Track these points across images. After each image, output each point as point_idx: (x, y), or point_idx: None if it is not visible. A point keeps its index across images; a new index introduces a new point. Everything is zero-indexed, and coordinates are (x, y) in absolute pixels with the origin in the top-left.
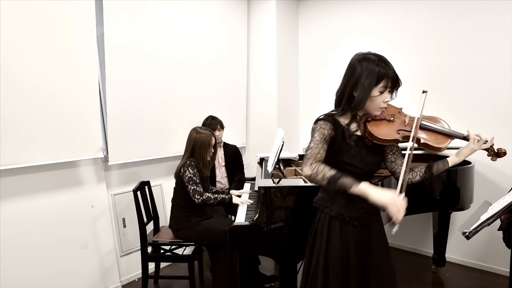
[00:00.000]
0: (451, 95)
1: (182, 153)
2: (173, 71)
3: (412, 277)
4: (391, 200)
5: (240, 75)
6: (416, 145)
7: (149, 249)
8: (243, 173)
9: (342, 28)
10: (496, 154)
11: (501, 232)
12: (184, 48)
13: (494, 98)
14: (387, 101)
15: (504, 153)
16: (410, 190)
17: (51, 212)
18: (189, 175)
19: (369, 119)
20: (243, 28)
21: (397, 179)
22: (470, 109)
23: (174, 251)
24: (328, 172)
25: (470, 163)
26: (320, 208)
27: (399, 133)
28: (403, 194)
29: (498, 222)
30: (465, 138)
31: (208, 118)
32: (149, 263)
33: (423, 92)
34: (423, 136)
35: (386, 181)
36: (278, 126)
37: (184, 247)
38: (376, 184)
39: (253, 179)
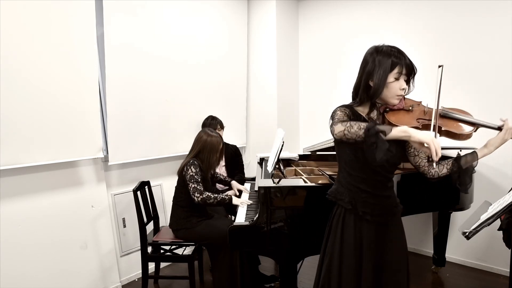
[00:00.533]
0: (451, 94)
1: (182, 153)
2: (173, 71)
3: (412, 277)
4: (431, 139)
5: (240, 75)
6: (438, 134)
7: (149, 249)
8: (243, 173)
9: (342, 28)
10: None
11: (501, 232)
12: (184, 48)
13: (494, 98)
14: (404, 89)
15: None
16: (410, 191)
17: (51, 212)
18: (191, 173)
19: (387, 109)
20: (243, 28)
21: (423, 173)
22: (470, 108)
23: (174, 251)
24: (362, 123)
25: None
26: (335, 201)
27: (418, 122)
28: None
29: (498, 222)
30: (499, 129)
31: (208, 118)
32: (149, 263)
33: (439, 66)
34: (445, 123)
35: None
36: (278, 126)
37: (184, 247)
38: None
39: (253, 179)
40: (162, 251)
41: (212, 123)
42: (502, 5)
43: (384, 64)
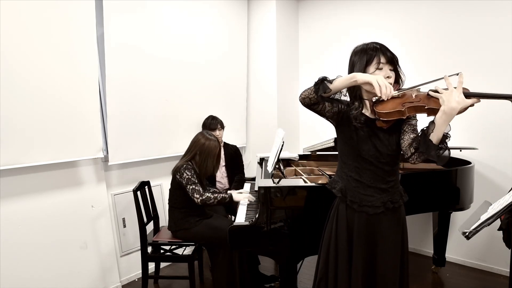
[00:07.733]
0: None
1: (182, 153)
2: (173, 71)
3: (412, 277)
4: (374, 78)
5: (240, 74)
6: (425, 114)
7: (149, 249)
8: (243, 173)
9: (342, 28)
10: None
11: (501, 232)
12: (184, 48)
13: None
14: (388, 76)
15: None
16: (411, 191)
17: (51, 212)
18: (187, 176)
19: (376, 100)
20: (243, 28)
21: (404, 154)
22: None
23: (174, 251)
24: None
25: (470, 163)
26: (330, 189)
27: (403, 106)
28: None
29: (498, 222)
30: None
31: (208, 118)
32: (149, 263)
33: (456, 74)
34: (428, 102)
35: None
36: (278, 126)
37: (184, 247)
38: None
39: (253, 179)
40: (162, 251)
41: (212, 123)
42: (502, 5)
43: (361, 59)
